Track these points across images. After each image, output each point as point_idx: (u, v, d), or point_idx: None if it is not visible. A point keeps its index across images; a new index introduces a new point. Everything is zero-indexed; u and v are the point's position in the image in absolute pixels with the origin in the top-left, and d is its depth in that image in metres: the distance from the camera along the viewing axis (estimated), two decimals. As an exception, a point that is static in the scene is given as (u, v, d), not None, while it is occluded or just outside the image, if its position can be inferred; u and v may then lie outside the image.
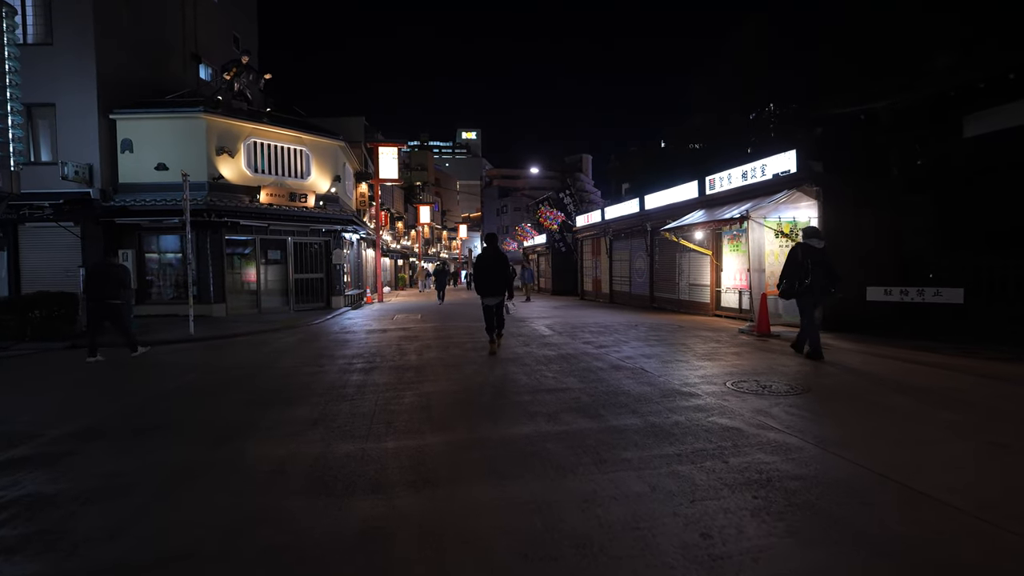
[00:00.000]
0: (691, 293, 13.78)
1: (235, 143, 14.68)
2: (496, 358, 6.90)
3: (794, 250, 6.49)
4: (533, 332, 9.61)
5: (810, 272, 6.19)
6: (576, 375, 5.67)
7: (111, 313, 7.71)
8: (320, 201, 16.45)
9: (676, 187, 14.14)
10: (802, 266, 6.26)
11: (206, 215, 13.58)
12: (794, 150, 9.63)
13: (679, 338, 8.47)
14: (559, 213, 22.51)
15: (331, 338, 9.72)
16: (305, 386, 5.60)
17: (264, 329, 11.26)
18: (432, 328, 10.76)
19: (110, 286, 7.63)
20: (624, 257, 18.15)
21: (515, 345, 7.97)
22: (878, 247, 9.32)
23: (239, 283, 15.22)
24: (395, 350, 7.86)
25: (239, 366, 7.04)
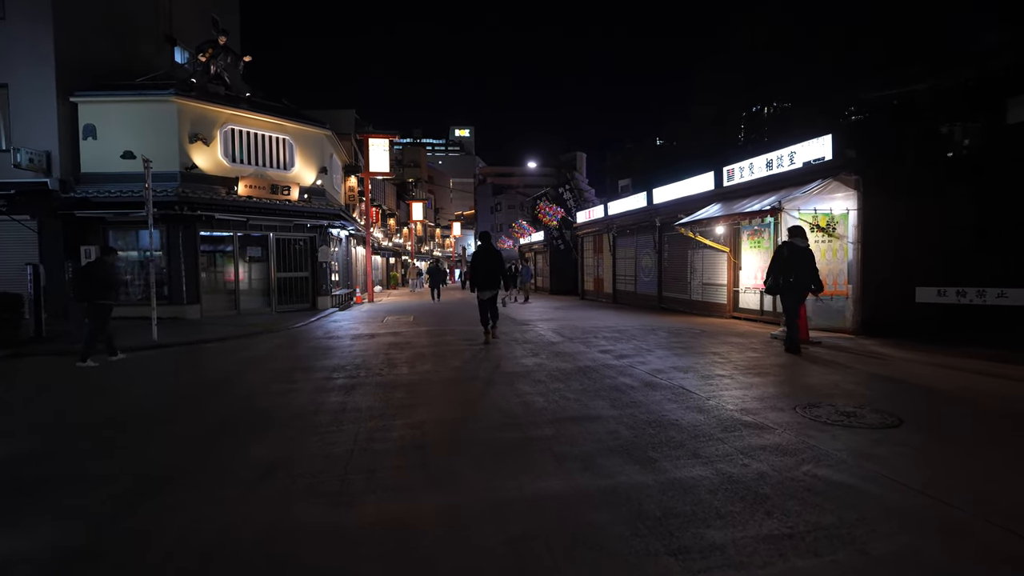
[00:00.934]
0: (704, 293, 12.81)
1: (211, 130, 13.49)
2: (503, 372, 5.87)
3: (780, 248, 6.83)
4: (540, 338, 8.57)
5: (793, 271, 6.50)
6: (604, 396, 4.64)
7: (99, 314, 7.03)
8: (305, 194, 15.30)
9: (689, 179, 13.15)
10: (787, 264, 6.56)
11: (178, 208, 12.40)
12: (829, 135, 8.66)
13: (707, 345, 7.48)
14: (559, 209, 21.49)
15: (312, 344, 8.63)
16: (269, 411, 4.52)
17: (239, 334, 10.13)
18: (426, 333, 9.69)
19: (95, 285, 6.96)
20: (629, 255, 17.16)
21: (523, 355, 6.92)
22: (922, 241, 8.39)
23: (216, 282, 14.04)
24: (383, 361, 6.78)
25: (196, 382, 5.93)
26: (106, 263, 7.34)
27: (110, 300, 7.20)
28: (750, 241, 11.26)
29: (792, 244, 6.70)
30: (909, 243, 8.56)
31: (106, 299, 7.09)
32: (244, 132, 14.22)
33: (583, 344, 7.71)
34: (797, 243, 6.69)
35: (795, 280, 6.51)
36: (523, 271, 18.66)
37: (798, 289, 6.58)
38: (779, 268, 6.65)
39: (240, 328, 10.87)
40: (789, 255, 6.59)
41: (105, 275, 7.13)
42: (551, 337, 8.61)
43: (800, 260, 6.54)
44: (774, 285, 6.79)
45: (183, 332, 10.33)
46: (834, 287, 8.76)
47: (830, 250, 8.78)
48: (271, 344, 8.81)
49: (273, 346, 8.58)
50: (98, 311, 7.02)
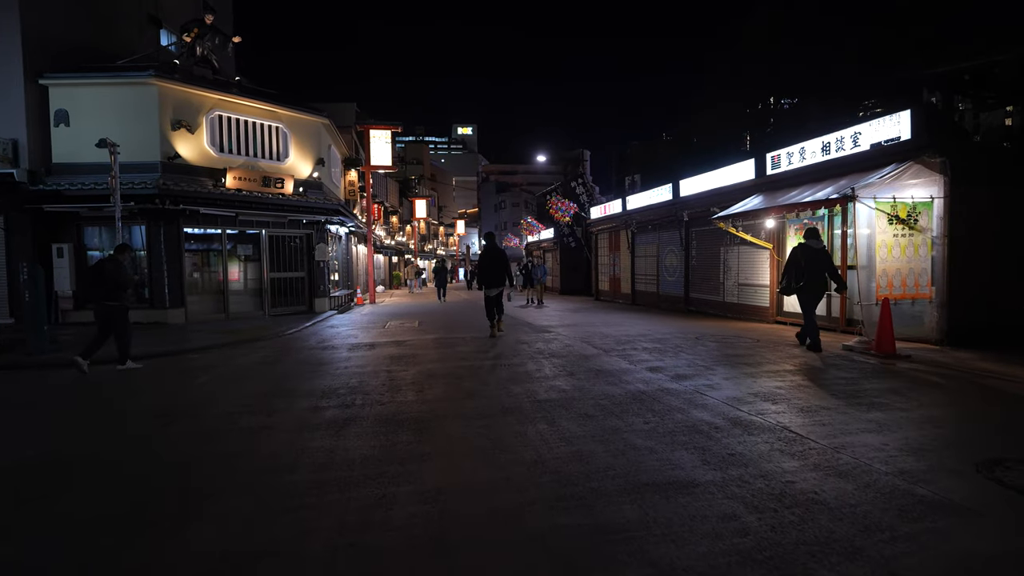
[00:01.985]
0: (741, 295, 11.55)
1: (196, 116, 12.28)
2: (537, 400, 4.62)
3: (794, 251, 6.95)
4: (569, 350, 7.34)
5: (806, 272, 6.65)
6: (685, 443, 3.40)
7: (109, 317, 6.62)
8: (300, 188, 14.09)
9: (723, 169, 11.88)
10: (801, 266, 6.69)
11: (159, 202, 11.20)
12: (907, 111, 7.39)
13: (771, 359, 6.22)
14: (571, 204, 20.23)
15: (302, 357, 7.41)
16: (231, 463, 3.31)
17: (223, 342, 8.93)
18: (434, 342, 8.46)
19: (105, 286, 6.55)
20: (650, 252, 15.90)
21: (555, 374, 5.69)
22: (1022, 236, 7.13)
23: (203, 284, 12.85)
24: (385, 382, 5.56)
25: (152, 410, 4.72)
26: (118, 262, 6.84)
27: (121, 302, 6.74)
28: (799, 236, 9.97)
29: (807, 246, 6.83)
30: (1007, 238, 7.30)
31: (117, 300, 6.64)
32: (233, 119, 13.01)
33: (623, 358, 6.46)
34: (813, 245, 6.84)
35: (809, 282, 6.68)
36: (537, 270, 16.76)
37: (814, 290, 6.78)
38: (795, 270, 6.79)
39: (226, 335, 9.67)
40: (804, 257, 6.75)
41: (117, 274, 6.65)
42: (581, 348, 7.36)
43: (817, 261, 6.74)
44: (788, 286, 6.94)
45: (161, 341, 9.13)
46: (915, 289, 7.48)
47: (910, 245, 7.50)
48: (257, 356, 7.60)
49: (258, 359, 7.37)
50: (109, 314, 6.57)
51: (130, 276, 7.56)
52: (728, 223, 10.05)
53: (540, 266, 16.88)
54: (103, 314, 6.63)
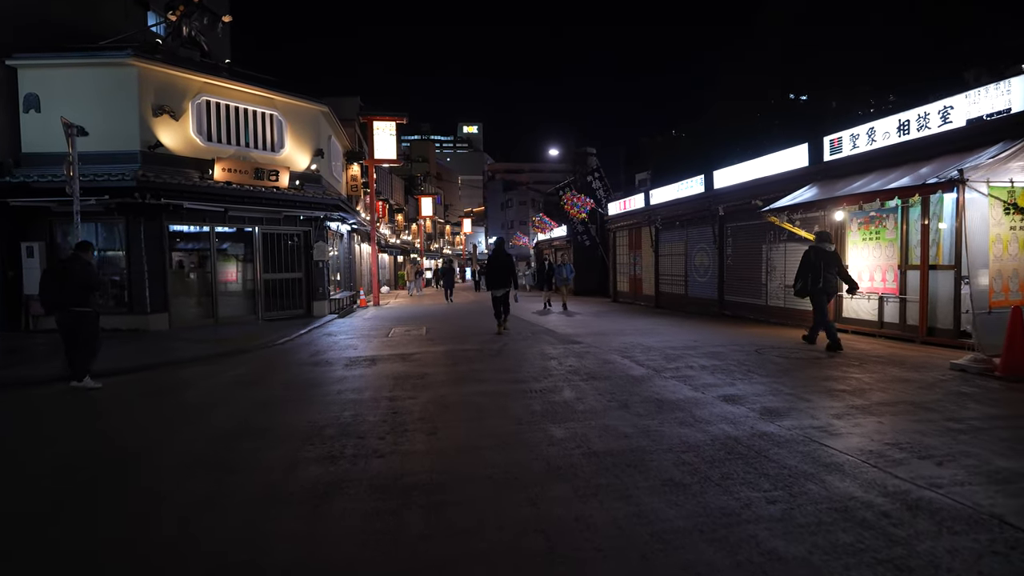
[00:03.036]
0: (789, 298, 10.23)
1: (180, 101, 11.13)
2: (594, 452, 3.38)
3: (807, 253, 7.11)
4: (611, 369, 6.09)
5: (822, 274, 6.86)
6: (855, 550, 2.15)
7: (76, 325, 5.68)
8: (297, 181, 12.92)
9: (768, 156, 10.57)
10: (816, 268, 6.91)
11: (138, 195, 10.07)
12: (1019, 77, 6.08)
13: (871, 383, 4.95)
14: (587, 199, 18.95)
15: (289, 377, 6.22)
16: (149, 568, 2.11)
17: (202, 354, 7.76)
18: (445, 356, 7.25)
19: (71, 289, 5.64)
20: (677, 251, 14.61)
21: (607, 407, 4.44)
22: None
23: (190, 286, 11.72)
24: (386, 417, 4.34)
25: (54, 462, 3.53)
26: (85, 261, 5.91)
27: (92, 307, 5.85)
28: (863, 231, 8.69)
29: (820, 249, 7.02)
30: None
31: (87, 305, 5.75)
32: (223, 105, 11.85)
33: (682, 381, 5.21)
34: (825, 248, 7.03)
35: (825, 283, 6.92)
36: (562, 269, 14.69)
37: (827, 292, 7.02)
38: (811, 272, 6.99)
39: (209, 345, 8.51)
40: (816, 259, 6.95)
41: (85, 275, 5.75)
42: (624, 366, 6.11)
43: (829, 264, 6.96)
44: (803, 289, 7.15)
45: (134, 352, 7.99)
46: None
47: (1014, 240, 6.19)
48: (237, 373, 6.42)
49: (237, 378, 6.18)
50: (77, 321, 5.65)
51: (100, 277, 6.81)
52: (782, 217, 8.76)
53: (565, 264, 14.95)
54: (69, 322, 5.67)
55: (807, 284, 7.04)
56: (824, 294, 6.99)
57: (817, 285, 6.93)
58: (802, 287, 7.15)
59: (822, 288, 6.94)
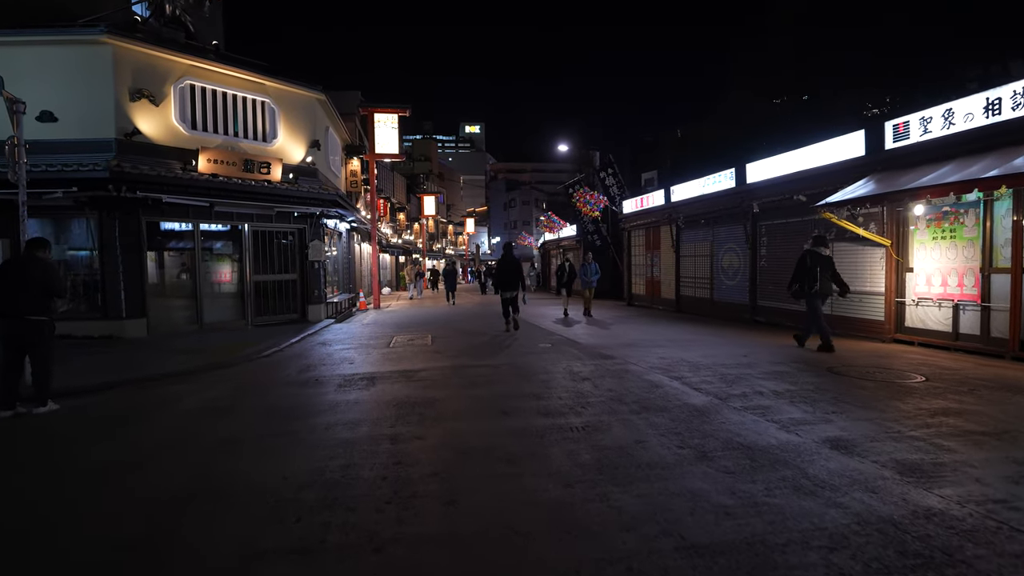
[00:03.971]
0: (837, 305, 9.14)
1: (161, 85, 10.09)
2: (691, 547, 2.32)
3: (803, 257, 7.32)
4: (662, 396, 5.00)
5: (818, 278, 7.05)
6: None
7: (29, 337, 4.76)
8: (290, 174, 11.88)
9: (813, 146, 9.48)
10: (812, 271, 7.08)
11: (112, 188, 9.03)
12: None
13: (1003, 417, 3.88)
14: (601, 196, 17.86)
15: (270, 402, 5.15)
16: None
17: (176, 369, 6.70)
18: (455, 373, 6.19)
19: (29, 293, 4.73)
20: (702, 251, 13.53)
21: (680, 459, 3.36)
22: None
23: (172, 288, 10.67)
24: (385, 472, 3.26)
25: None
26: (42, 262, 4.95)
27: (50, 316, 4.89)
28: (934, 230, 7.60)
29: (815, 252, 7.16)
30: None
31: (44, 314, 4.81)
32: (209, 90, 10.81)
33: (760, 415, 4.14)
34: (820, 251, 7.17)
35: (821, 287, 7.06)
36: (587, 269, 12.49)
37: (822, 294, 7.16)
38: (808, 276, 7.10)
39: (186, 357, 7.46)
40: (812, 263, 7.08)
41: (48, 279, 4.85)
42: (676, 390, 5.03)
43: (824, 267, 7.11)
44: (799, 291, 7.28)
45: (99, 365, 6.94)
46: None
47: None
48: (206, 397, 5.36)
49: (205, 403, 5.12)
50: (31, 332, 4.71)
51: (64, 280, 5.78)
52: (840, 213, 7.68)
53: (589, 265, 12.51)
54: (22, 333, 4.73)
55: (803, 287, 7.21)
56: (819, 297, 7.17)
57: (813, 288, 7.08)
58: (798, 290, 7.34)
59: (817, 291, 7.10)
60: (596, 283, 12.32)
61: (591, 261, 12.42)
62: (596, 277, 12.41)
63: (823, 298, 7.29)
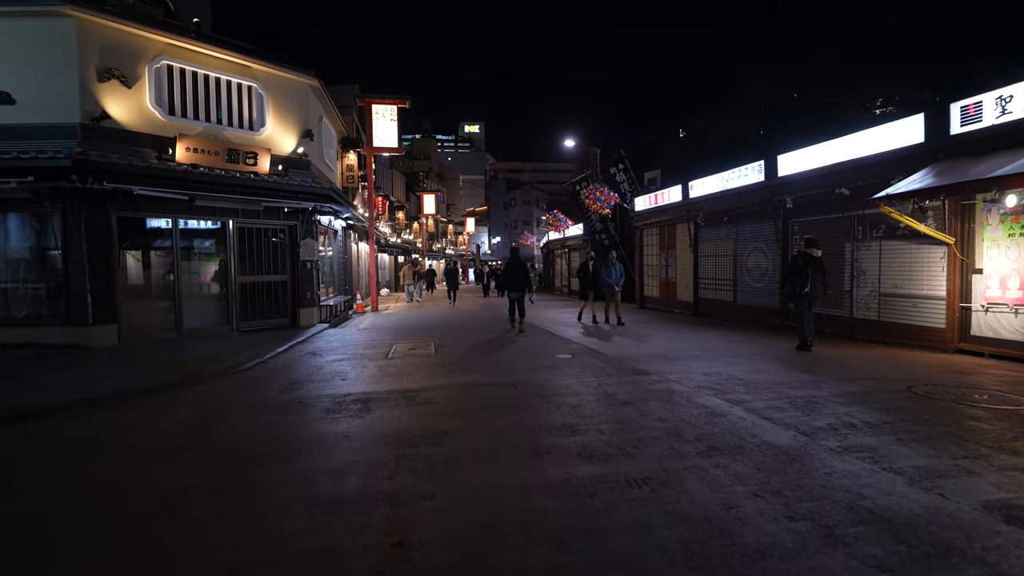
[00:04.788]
0: (886, 309, 8.23)
1: (135, 64, 9.11)
2: None
3: (795, 258, 7.49)
4: (729, 429, 4.02)
5: (810, 279, 7.15)
6: None
7: None
8: (280, 166, 10.90)
9: (859, 133, 8.53)
10: (804, 273, 7.18)
11: (76, 179, 8.04)
12: None
13: None
14: (612, 193, 16.90)
15: (238, 436, 4.18)
16: None
17: (135, 388, 5.71)
18: (467, 393, 5.23)
19: None
20: (723, 251, 12.59)
21: (803, 542, 2.37)
22: None
23: (147, 291, 9.67)
24: (381, 555, 2.31)
25: None
26: None
27: None
28: (1009, 226, 6.66)
29: (807, 254, 7.26)
30: None
31: None
32: (189, 72, 9.82)
33: (872, 461, 3.17)
34: (812, 252, 7.26)
35: (812, 288, 7.17)
36: (610, 270, 10.89)
37: (812, 297, 7.26)
38: (801, 277, 7.21)
39: (153, 372, 6.48)
40: (805, 265, 7.19)
41: None
42: (745, 422, 4.07)
43: (815, 269, 7.22)
44: (791, 292, 7.43)
45: (53, 380, 5.95)
46: None
47: None
48: (162, 429, 4.38)
49: (159, 436, 4.15)
50: None
51: None
52: (903, 207, 6.74)
53: (614, 265, 10.97)
54: None
55: (795, 288, 7.32)
56: (809, 299, 7.29)
57: (804, 290, 7.20)
58: (790, 291, 7.49)
59: (808, 293, 7.20)
60: (620, 285, 10.92)
61: (615, 261, 11.05)
62: (622, 280, 11.08)
63: (813, 300, 7.39)
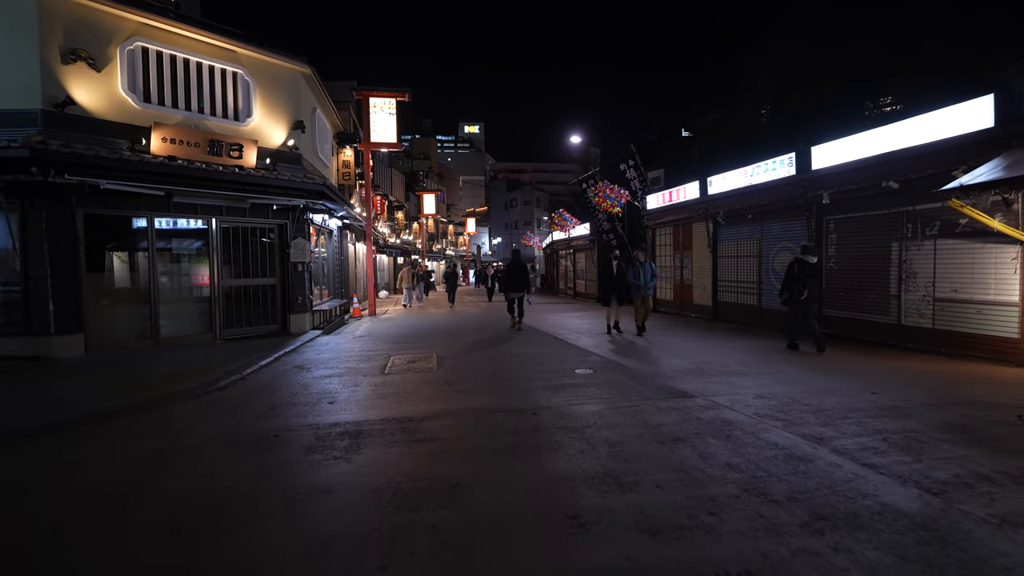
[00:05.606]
0: (942, 316, 7.35)
1: (105, 45, 8.23)
2: None
3: (791, 265, 7.63)
4: (828, 483, 3.13)
5: (806, 285, 7.38)
6: None
7: None
8: (268, 159, 10.01)
9: (912, 119, 7.66)
10: (800, 280, 7.40)
11: (36, 171, 7.15)
12: None
13: None
14: (623, 191, 16.04)
15: (188, 487, 3.28)
16: None
17: (83, 414, 4.82)
18: (479, 423, 4.35)
19: None
20: (747, 251, 11.71)
21: None
22: None
23: (119, 296, 8.77)
24: None
25: None
26: None
27: None
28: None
29: (803, 261, 7.49)
30: None
31: None
32: (167, 55, 8.94)
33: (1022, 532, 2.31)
34: (808, 259, 7.50)
35: (809, 294, 7.38)
36: (640, 271, 9.61)
37: (808, 302, 7.44)
38: (797, 283, 7.41)
39: (115, 391, 5.58)
40: (800, 271, 7.42)
41: None
42: (834, 466, 3.17)
43: (810, 276, 7.47)
44: (790, 298, 7.55)
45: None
46: None
47: None
48: (94, 476, 3.49)
49: (78, 495, 3.26)
50: None
51: None
52: (980, 202, 5.86)
53: (644, 264, 9.62)
54: None
55: (793, 294, 7.48)
56: (805, 303, 7.46)
57: (802, 295, 7.40)
58: (789, 297, 7.61)
59: (805, 298, 7.41)
60: (652, 288, 9.68)
61: (644, 260, 9.75)
62: (654, 281, 9.77)
63: (811, 304, 7.52)
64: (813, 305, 7.66)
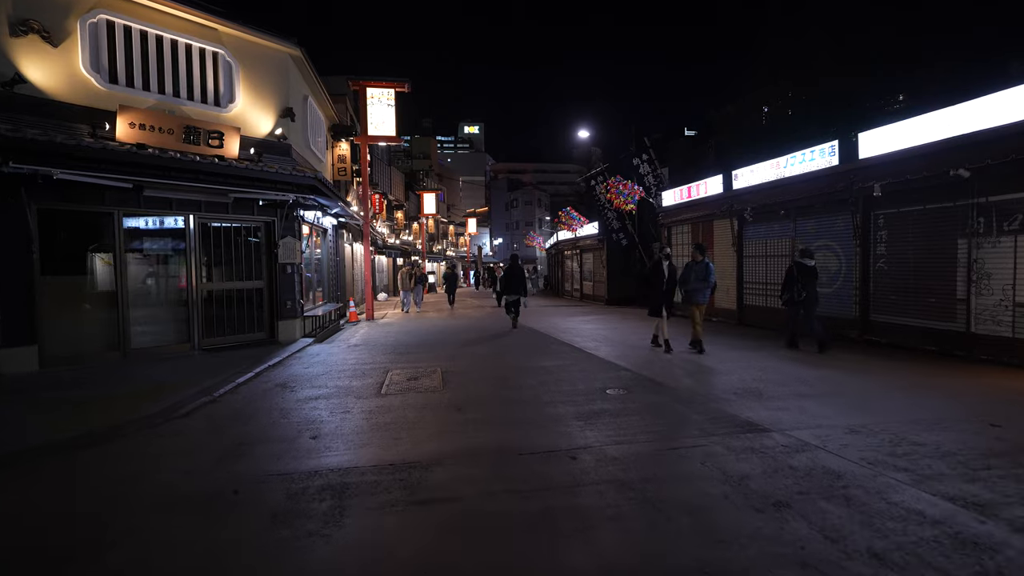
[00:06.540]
0: (1022, 323, 6.37)
1: (62, 17, 7.24)
2: None
3: (790, 268, 7.82)
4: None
5: (804, 287, 7.48)
6: None
7: None
8: (252, 149, 9.03)
9: (990, 96, 6.67)
10: (797, 282, 7.56)
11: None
12: None
13: None
14: (636, 187, 15.04)
15: None
16: None
17: (24, 446, 3.85)
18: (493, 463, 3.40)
19: None
20: (777, 250, 10.72)
21: None
22: None
23: (80, 301, 7.76)
24: None
25: None
26: None
27: None
28: None
29: (801, 264, 7.59)
30: None
31: None
32: (137, 31, 7.96)
33: None
34: (806, 263, 7.57)
35: (808, 295, 7.49)
36: (688, 272, 8.08)
37: (807, 303, 7.52)
38: (793, 285, 7.62)
39: (50, 417, 4.59)
40: (799, 274, 7.56)
41: None
42: (1004, 544, 2.22)
43: (808, 278, 7.51)
44: (788, 300, 7.72)
45: None
46: None
47: None
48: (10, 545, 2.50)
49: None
50: None
51: None
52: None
53: (700, 264, 7.93)
54: None
55: (793, 296, 7.60)
56: (803, 305, 7.55)
57: (801, 297, 7.50)
58: (788, 299, 7.71)
59: (804, 300, 7.50)
60: (707, 294, 7.87)
61: (701, 260, 7.91)
62: (713, 286, 7.94)
63: (811, 305, 7.56)
64: (813, 306, 7.64)
